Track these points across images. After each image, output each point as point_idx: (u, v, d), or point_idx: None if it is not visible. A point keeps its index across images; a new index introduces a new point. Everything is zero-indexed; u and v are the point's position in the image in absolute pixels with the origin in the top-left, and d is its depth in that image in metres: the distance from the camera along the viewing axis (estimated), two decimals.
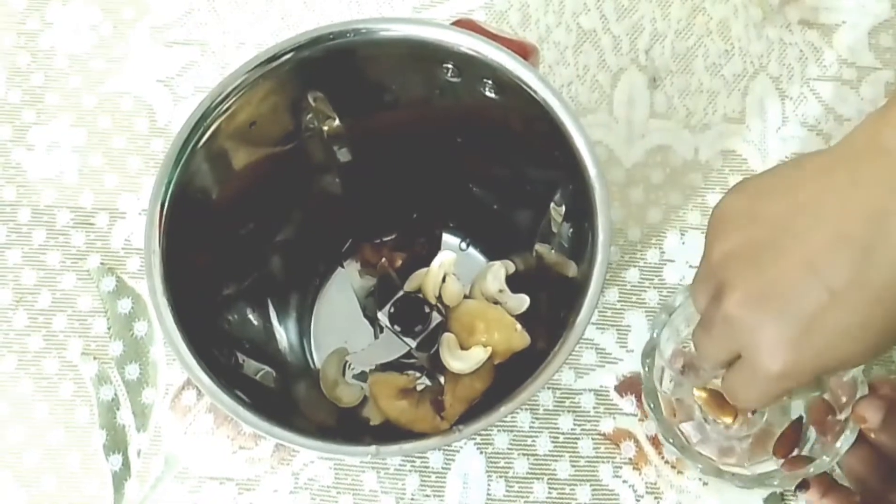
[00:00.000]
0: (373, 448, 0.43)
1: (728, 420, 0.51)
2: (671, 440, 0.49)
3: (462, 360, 0.50)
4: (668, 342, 0.51)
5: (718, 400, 0.51)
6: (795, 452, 0.50)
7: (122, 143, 0.62)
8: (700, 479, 0.53)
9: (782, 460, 0.50)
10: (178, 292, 0.45)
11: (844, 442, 0.47)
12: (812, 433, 0.50)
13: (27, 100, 0.63)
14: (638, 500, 0.54)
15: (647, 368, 0.50)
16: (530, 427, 0.55)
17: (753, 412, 0.51)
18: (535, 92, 0.46)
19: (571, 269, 0.49)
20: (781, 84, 0.61)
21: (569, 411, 0.55)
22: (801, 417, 0.51)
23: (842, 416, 0.48)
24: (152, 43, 0.64)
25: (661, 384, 0.51)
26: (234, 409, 0.44)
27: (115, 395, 0.56)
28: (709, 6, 0.63)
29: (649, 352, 0.50)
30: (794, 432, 0.50)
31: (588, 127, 0.46)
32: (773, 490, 0.53)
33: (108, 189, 0.61)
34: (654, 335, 0.50)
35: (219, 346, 0.48)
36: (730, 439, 0.52)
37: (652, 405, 0.49)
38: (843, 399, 0.48)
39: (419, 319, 0.51)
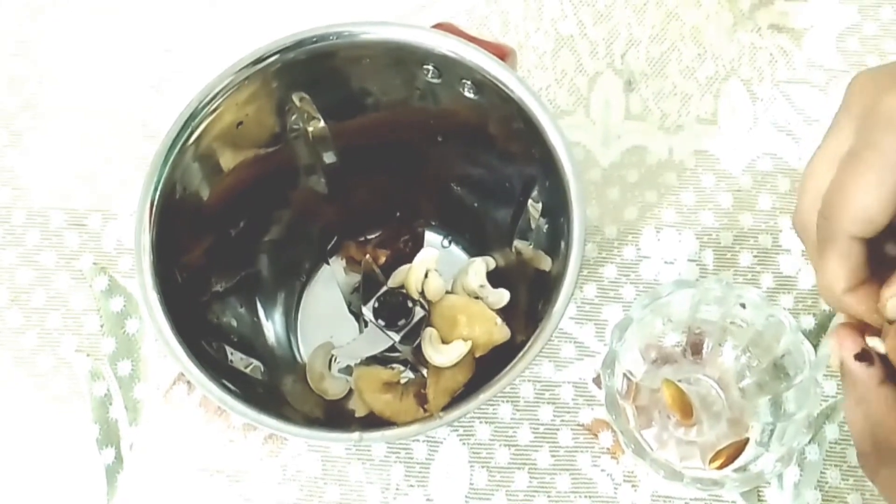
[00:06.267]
0: (356, 435, 0.44)
1: (685, 420, 0.53)
2: (632, 447, 0.50)
3: (444, 353, 0.51)
4: (634, 344, 0.53)
5: (681, 396, 0.53)
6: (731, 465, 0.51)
7: (115, 147, 0.64)
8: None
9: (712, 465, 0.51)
10: (167, 288, 0.46)
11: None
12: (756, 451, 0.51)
13: (22, 105, 0.65)
14: (615, 489, 0.55)
15: (607, 379, 0.50)
16: (511, 418, 0.57)
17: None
18: (511, 91, 0.47)
19: (547, 263, 0.50)
20: (752, 86, 0.63)
21: (548, 403, 0.57)
22: (747, 440, 0.52)
23: None
24: (144, 49, 0.66)
25: (620, 394, 0.53)
26: (222, 399, 0.45)
27: (108, 390, 0.58)
28: (682, 12, 0.65)
29: (609, 363, 0.51)
30: (736, 451, 0.51)
31: (566, 129, 0.47)
32: (737, 490, 0.54)
33: (101, 191, 0.62)
34: (613, 346, 0.51)
35: (208, 340, 0.49)
36: (690, 444, 0.53)
37: (613, 415, 0.50)
38: None
39: (402, 314, 0.53)
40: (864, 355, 0.39)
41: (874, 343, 0.39)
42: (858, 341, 0.39)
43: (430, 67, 0.49)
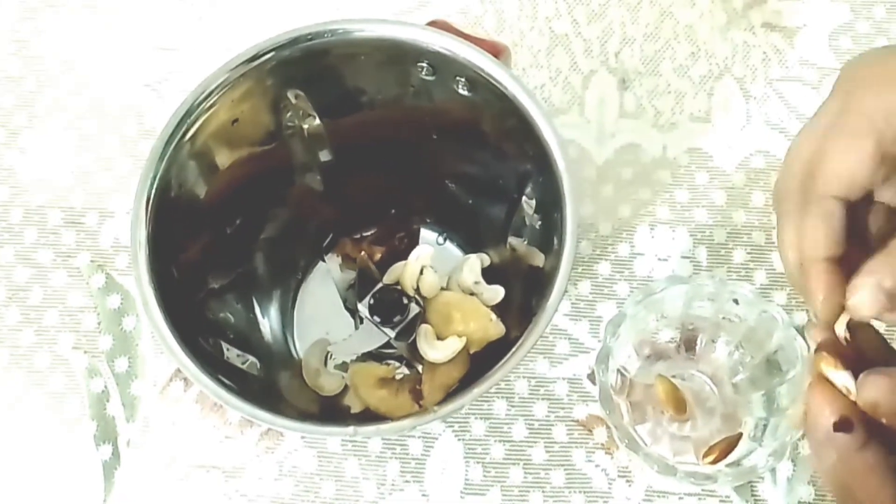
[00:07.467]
0: (351, 429, 0.45)
1: (678, 415, 0.53)
2: (626, 442, 0.50)
3: (439, 349, 0.52)
4: (628, 340, 0.53)
5: (674, 392, 0.53)
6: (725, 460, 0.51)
7: (112, 145, 0.64)
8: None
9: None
10: (163, 284, 0.47)
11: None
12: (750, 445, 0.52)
13: (19, 104, 0.65)
14: (610, 484, 0.55)
15: (601, 374, 0.51)
16: (506, 414, 0.57)
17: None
18: (505, 88, 0.47)
19: (541, 259, 0.51)
20: (746, 85, 0.64)
21: (543, 399, 0.57)
22: (740, 434, 0.52)
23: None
24: (140, 48, 0.66)
25: (615, 390, 0.53)
26: (218, 394, 0.45)
27: (105, 387, 0.58)
28: (676, 11, 0.66)
29: (603, 358, 0.51)
30: (729, 446, 0.51)
31: (561, 127, 0.47)
32: (730, 484, 0.54)
33: (98, 190, 0.63)
34: (607, 342, 0.51)
35: (204, 336, 0.49)
36: (684, 439, 0.54)
37: (607, 410, 0.50)
38: None
39: (398, 310, 0.53)
40: (844, 424, 0.36)
41: (843, 379, 0.37)
42: (837, 406, 0.37)
43: (425, 65, 0.49)
